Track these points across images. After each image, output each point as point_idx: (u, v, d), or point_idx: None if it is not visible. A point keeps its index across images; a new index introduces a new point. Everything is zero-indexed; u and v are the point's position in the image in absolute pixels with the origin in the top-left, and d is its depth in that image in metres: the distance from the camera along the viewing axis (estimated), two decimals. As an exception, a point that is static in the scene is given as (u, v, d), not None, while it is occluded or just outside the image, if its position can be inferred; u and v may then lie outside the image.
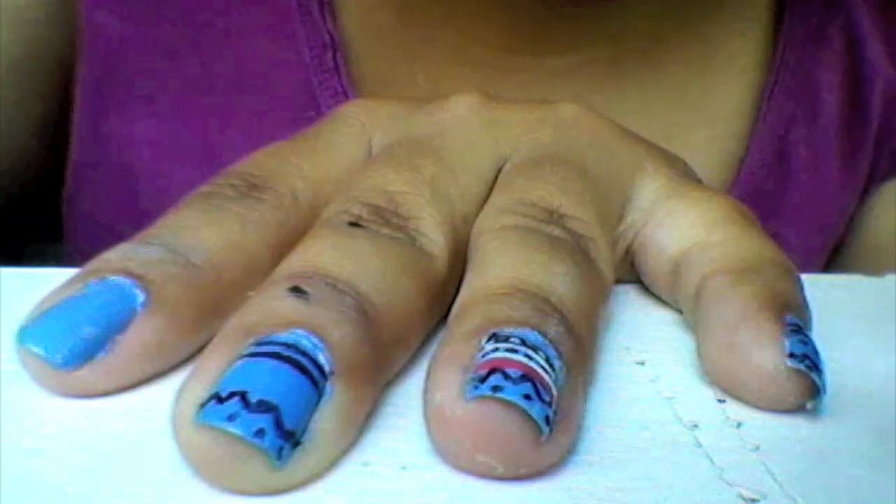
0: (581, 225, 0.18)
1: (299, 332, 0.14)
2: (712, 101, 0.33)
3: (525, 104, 0.22)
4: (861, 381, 0.17)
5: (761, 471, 0.14)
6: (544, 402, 0.13)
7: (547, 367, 0.13)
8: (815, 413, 0.16)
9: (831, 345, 0.19)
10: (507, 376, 0.13)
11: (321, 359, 0.13)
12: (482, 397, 0.13)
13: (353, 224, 0.17)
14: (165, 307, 0.15)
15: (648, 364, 0.18)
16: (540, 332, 0.14)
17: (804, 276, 0.18)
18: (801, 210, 0.34)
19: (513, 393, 0.13)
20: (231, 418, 0.12)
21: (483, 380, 0.13)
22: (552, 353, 0.14)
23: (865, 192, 0.36)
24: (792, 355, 0.15)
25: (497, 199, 0.19)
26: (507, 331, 0.14)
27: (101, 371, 0.15)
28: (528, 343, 0.14)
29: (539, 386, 0.13)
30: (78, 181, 0.35)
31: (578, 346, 0.15)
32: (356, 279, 0.15)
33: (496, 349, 0.14)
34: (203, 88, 0.33)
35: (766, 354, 0.16)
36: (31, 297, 0.16)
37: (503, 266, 0.16)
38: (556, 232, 0.17)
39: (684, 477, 0.14)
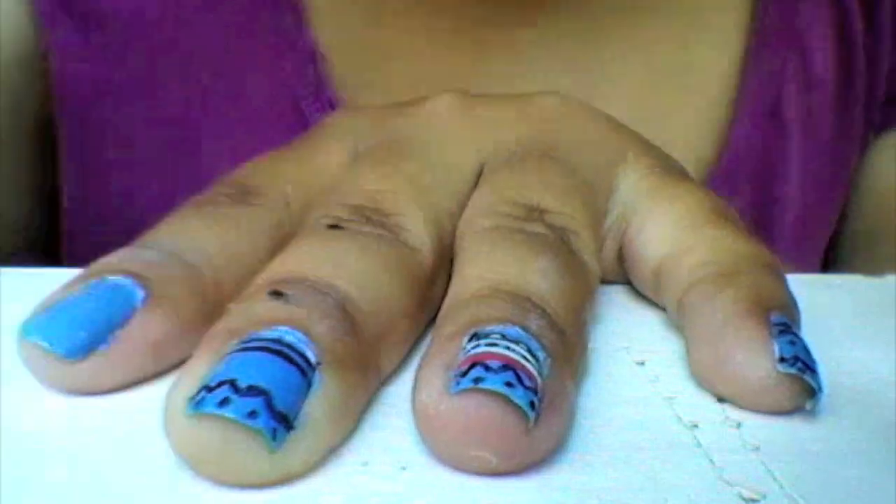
0: (563, 219, 0.18)
1: (282, 328, 0.14)
2: (696, 66, 0.34)
3: (504, 98, 0.22)
4: (861, 381, 0.17)
5: (761, 471, 0.14)
6: (527, 388, 0.13)
7: (529, 357, 0.14)
8: (814, 413, 0.16)
9: (831, 345, 0.19)
10: (487, 368, 0.13)
11: (306, 351, 0.14)
12: (465, 390, 0.13)
13: (334, 226, 0.17)
14: (165, 304, 0.16)
15: (648, 364, 0.18)
16: (521, 327, 0.14)
17: (804, 277, 0.18)
18: (798, 166, 0.34)
19: (494, 382, 0.13)
20: (223, 404, 0.12)
21: (464, 374, 0.13)
22: (534, 344, 0.14)
23: (863, 147, 0.36)
24: (782, 359, 0.15)
25: (478, 198, 0.19)
26: (487, 328, 0.14)
27: (103, 365, 0.15)
28: (508, 337, 0.14)
29: (521, 373, 0.13)
30: (71, 231, 0.35)
31: (562, 338, 0.15)
32: (336, 280, 0.15)
33: (477, 346, 0.14)
34: (186, 121, 0.33)
35: (755, 362, 0.15)
36: (31, 297, 0.16)
37: (483, 268, 0.16)
38: (537, 228, 0.17)
39: (684, 477, 0.14)
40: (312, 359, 0.13)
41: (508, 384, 0.13)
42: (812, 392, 0.15)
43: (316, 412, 0.13)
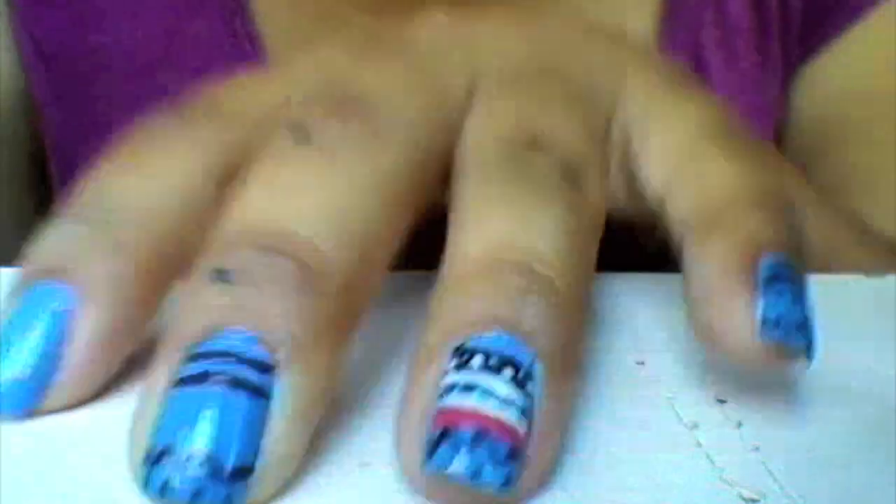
0: (568, 147, 0.16)
1: (229, 332, 0.12)
2: (619, 26, 0.35)
3: (499, 13, 0.20)
4: (861, 381, 0.17)
5: (761, 471, 0.14)
6: (503, 461, 0.12)
7: (513, 394, 0.12)
8: (815, 413, 0.16)
9: (831, 345, 0.19)
10: (457, 440, 0.12)
11: (260, 355, 0.12)
12: (435, 474, 0.12)
13: (299, 138, 0.15)
14: (100, 296, 0.14)
15: (648, 364, 0.18)
16: (513, 331, 0.13)
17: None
18: None
19: (463, 467, 0.12)
20: (164, 489, 0.12)
21: (436, 445, 0.12)
22: (525, 358, 0.13)
23: (784, 87, 0.39)
24: (764, 322, 0.14)
25: (474, 125, 0.17)
26: (472, 342, 0.13)
27: (67, 388, 0.14)
28: (491, 363, 0.13)
29: (496, 442, 0.12)
30: None
31: (565, 319, 0.14)
32: (294, 225, 0.13)
33: (452, 387, 0.12)
34: None
35: (736, 332, 0.14)
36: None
37: (479, 233, 0.14)
38: (541, 163, 0.15)
39: (684, 477, 0.14)
40: (267, 360, 0.12)
41: (478, 468, 0.12)
42: (803, 352, 0.15)
43: (279, 434, 0.12)
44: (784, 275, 0.15)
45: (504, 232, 0.14)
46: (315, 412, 0.13)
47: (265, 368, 0.12)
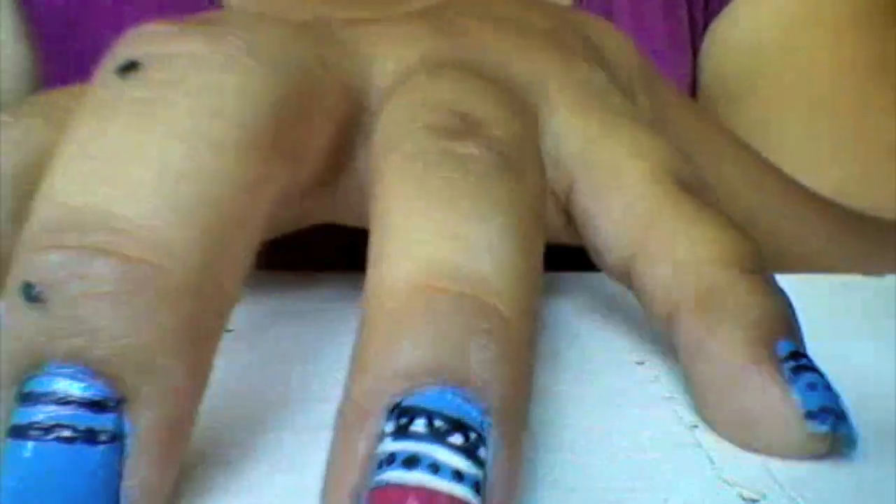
0: (507, 132, 0.14)
1: (56, 370, 0.10)
2: None
3: (402, 14, 0.17)
4: (861, 381, 0.17)
5: (761, 471, 0.14)
6: None
7: (465, 464, 0.10)
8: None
9: (832, 345, 0.19)
10: None
11: (96, 394, 0.10)
12: None
13: (124, 70, 0.12)
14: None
15: (648, 364, 0.18)
16: (461, 384, 0.11)
17: (803, 277, 0.18)
18: None
19: None
20: None
21: None
22: (476, 417, 0.11)
23: (694, 51, 0.42)
24: (809, 414, 0.13)
25: (387, 113, 0.14)
26: (411, 400, 0.11)
27: None
28: (437, 426, 0.10)
29: None
30: None
31: (516, 357, 0.11)
32: (110, 205, 0.11)
33: (391, 458, 0.10)
34: None
35: (782, 422, 0.13)
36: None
37: (405, 253, 0.12)
38: (474, 152, 0.13)
39: (684, 477, 0.14)
40: (110, 395, 0.10)
41: None
42: (848, 441, 0.14)
43: (138, 478, 0.10)
44: (805, 364, 0.14)
45: (434, 251, 0.12)
46: (177, 442, 0.11)
47: (105, 407, 0.10)
